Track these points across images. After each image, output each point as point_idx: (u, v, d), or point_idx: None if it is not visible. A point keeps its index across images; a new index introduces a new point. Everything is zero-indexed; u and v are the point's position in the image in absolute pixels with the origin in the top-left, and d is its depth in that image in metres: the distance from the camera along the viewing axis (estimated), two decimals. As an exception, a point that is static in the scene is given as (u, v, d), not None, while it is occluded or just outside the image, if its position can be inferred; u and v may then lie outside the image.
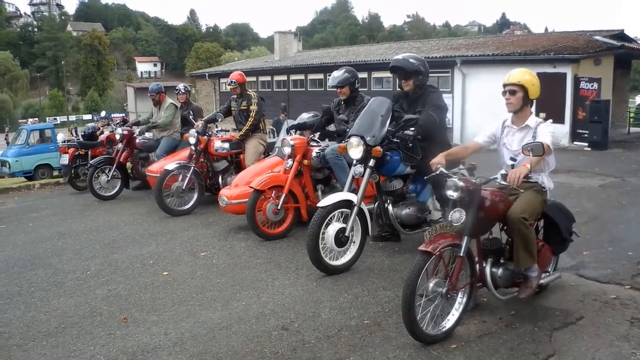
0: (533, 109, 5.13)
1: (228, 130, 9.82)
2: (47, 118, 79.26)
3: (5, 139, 43.25)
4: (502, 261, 4.88)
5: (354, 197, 6.15)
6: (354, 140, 6.24)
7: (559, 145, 19.56)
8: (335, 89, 7.91)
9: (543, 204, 4.95)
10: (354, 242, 6.35)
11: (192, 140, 9.49)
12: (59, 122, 74.25)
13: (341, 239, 6.15)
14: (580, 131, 19.90)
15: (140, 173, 11.69)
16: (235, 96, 10.29)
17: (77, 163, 12.86)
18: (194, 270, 6.57)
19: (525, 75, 4.91)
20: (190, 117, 10.68)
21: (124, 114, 53.00)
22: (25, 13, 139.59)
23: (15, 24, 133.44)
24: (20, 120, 79.30)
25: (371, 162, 6.22)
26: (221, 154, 9.81)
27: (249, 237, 7.80)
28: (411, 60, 6.56)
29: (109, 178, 11.30)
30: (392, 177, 6.60)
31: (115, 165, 11.27)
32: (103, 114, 22.55)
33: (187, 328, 4.95)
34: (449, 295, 4.44)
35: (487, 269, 4.73)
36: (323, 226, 6.06)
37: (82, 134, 13.96)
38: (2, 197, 13.35)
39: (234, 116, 10.26)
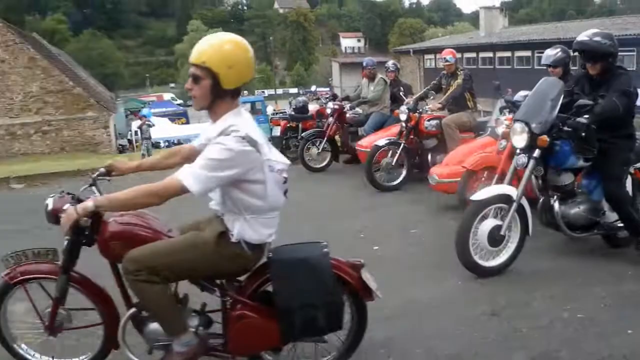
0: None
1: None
2: (256, 91, 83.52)
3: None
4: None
5: (513, 192, 5.53)
6: (517, 126, 5.58)
7: None
8: (547, 68, 7.53)
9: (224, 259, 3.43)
10: (510, 242, 5.69)
11: (403, 117, 9.47)
12: (266, 94, 77.94)
13: (495, 238, 5.53)
14: None
15: (349, 147, 11.86)
16: (445, 72, 10.19)
17: (288, 135, 13.41)
18: (404, 247, 6.57)
19: (215, 48, 3.24)
20: (401, 93, 10.68)
21: (328, 88, 54.54)
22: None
23: (227, 3, 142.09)
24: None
25: (536, 153, 5.51)
26: (431, 131, 9.71)
27: (458, 217, 7.61)
28: (602, 40, 5.58)
29: (319, 151, 11.64)
30: (562, 170, 5.77)
31: (325, 138, 11.58)
32: (313, 88, 23.35)
33: (398, 305, 4.94)
34: None
35: None
36: (476, 222, 5.52)
37: (294, 107, 14.49)
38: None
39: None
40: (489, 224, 5.53)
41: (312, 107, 14.24)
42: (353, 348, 3.85)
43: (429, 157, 9.73)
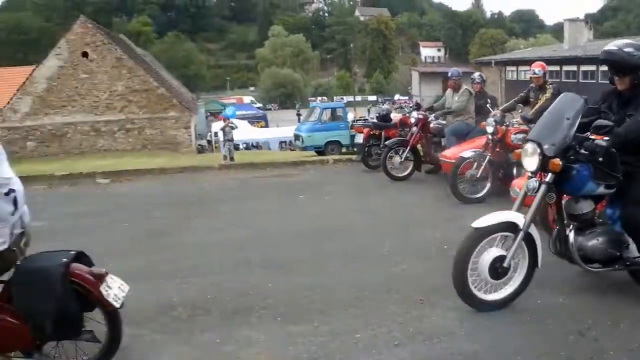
0: None
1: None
2: (335, 97, 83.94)
3: (298, 114, 46.48)
4: None
5: (520, 219, 4.98)
6: (529, 147, 5.00)
7: None
8: None
9: None
10: (516, 274, 5.17)
11: (490, 129, 9.37)
12: (345, 101, 78.43)
13: (497, 270, 4.98)
14: None
15: (432, 157, 11.86)
16: (533, 85, 10.10)
17: (371, 143, 13.52)
18: (488, 261, 6.51)
19: None
20: (488, 105, 10.60)
21: (407, 97, 54.47)
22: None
23: (308, 9, 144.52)
24: (309, 98, 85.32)
25: (548, 177, 4.91)
26: (517, 144, 9.52)
27: (542, 231, 7.53)
28: (633, 51, 4.98)
29: (402, 160, 11.67)
30: (580, 197, 5.14)
31: (408, 147, 11.61)
32: (396, 97, 23.44)
33: (482, 320, 4.90)
34: None
35: None
36: (476, 251, 4.98)
37: (377, 115, 14.60)
38: (300, 169, 14.46)
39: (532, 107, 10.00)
40: (491, 253, 5.03)
41: (395, 116, 14.29)
42: (110, 353, 3.99)
43: (514, 170, 9.60)
